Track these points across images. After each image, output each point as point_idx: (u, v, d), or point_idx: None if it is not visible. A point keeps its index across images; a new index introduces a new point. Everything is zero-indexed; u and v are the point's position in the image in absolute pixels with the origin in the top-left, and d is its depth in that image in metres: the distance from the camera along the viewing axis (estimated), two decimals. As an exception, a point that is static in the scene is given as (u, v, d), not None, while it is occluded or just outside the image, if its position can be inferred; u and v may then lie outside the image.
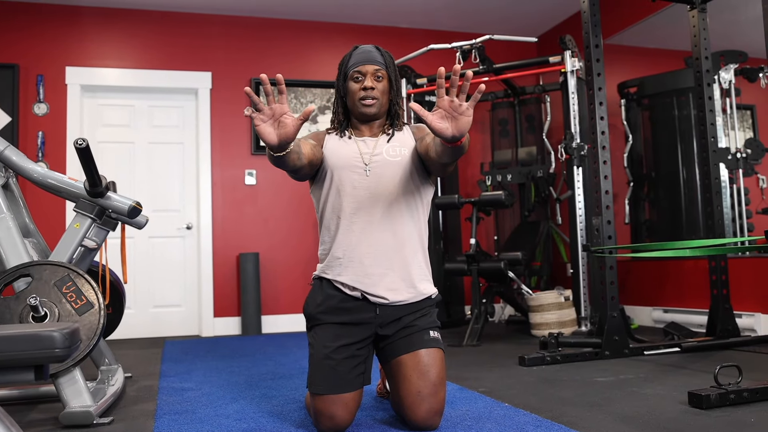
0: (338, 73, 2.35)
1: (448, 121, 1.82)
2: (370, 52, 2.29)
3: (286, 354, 4.12)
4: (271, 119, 1.90)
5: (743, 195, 5.06)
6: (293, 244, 5.73)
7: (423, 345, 2.19)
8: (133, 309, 5.39)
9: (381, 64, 2.28)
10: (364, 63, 2.26)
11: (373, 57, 2.28)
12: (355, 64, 2.27)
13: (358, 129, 2.36)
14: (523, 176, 5.30)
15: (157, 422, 2.39)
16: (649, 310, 5.23)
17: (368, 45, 2.34)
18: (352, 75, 2.28)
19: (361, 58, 2.28)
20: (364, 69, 2.26)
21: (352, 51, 2.32)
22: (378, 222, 2.22)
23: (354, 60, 2.28)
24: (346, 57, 2.32)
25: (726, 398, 2.38)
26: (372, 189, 2.24)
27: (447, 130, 1.82)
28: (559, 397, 2.64)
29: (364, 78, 2.27)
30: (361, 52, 2.30)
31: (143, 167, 5.59)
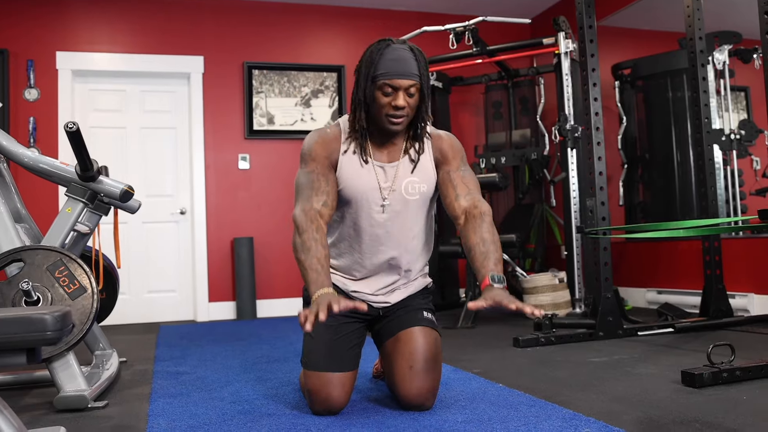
0: (362, 71, 2.02)
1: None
2: (406, 61, 1.97)
3: (280, 338, 4.13)
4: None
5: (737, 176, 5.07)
6: (288, 228, 5.72)
7: (417, 323, 2.21)
8: (127, 295, 5.39)
9: (416, 77, 1.98)
10: (398, 77, 1.96)
11: (409, 69, 1.97)
12: (387, 75, 1.97)
13: (375, 141, 2.14)
14: (517, 159, 5.30)
15: (152, 405, 2.39)
16: (643, 291, 5.25)
17: (402, 46, 2.00)
18: (381, 85, 1.98)
19: (395, 68, 1.96)
20: (397, 83, 1.97)
21: (382, 49, 1.99)
22: (391, 250, 2.21)
23: (385, 68, 1.97)
24: (374, 55, 1.99)
25: (719, 377, 2.40)
26: (388, 227, 2.18)
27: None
28: (552, 377, 2.65)
29: (396, 93, 1.98)
30: (394, 59, 1.97)
31: (136, 152, 5.56)
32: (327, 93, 5.89)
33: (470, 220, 2.07)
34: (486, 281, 1.91)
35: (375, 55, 1.98)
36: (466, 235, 2.05)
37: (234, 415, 2.21)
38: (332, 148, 2.11)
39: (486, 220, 2.05)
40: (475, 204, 2.09)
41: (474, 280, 4.56)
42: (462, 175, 2.15)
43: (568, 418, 2.01)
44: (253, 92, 5.73)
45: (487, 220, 2.06)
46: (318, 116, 5.86)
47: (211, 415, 2.22)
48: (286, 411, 2.23)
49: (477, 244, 2.00)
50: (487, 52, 5.07)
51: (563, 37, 4.79)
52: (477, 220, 2.05)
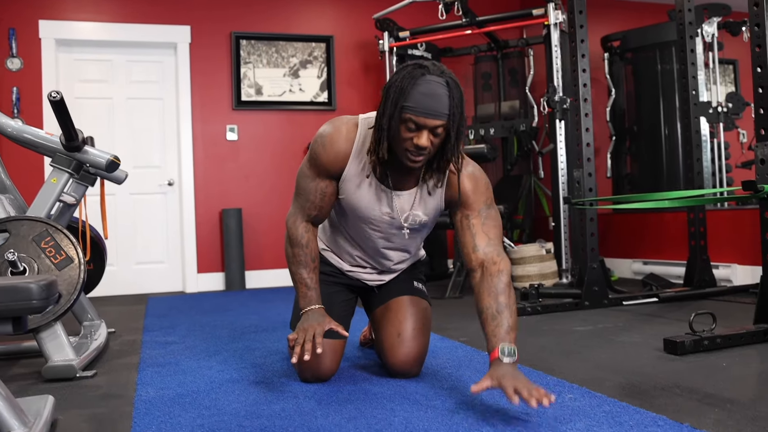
0: (390, 95, 1.76)
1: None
2: (438, 98, 1.72)
3: (269, 308, 4.15)
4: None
5: (723, 149, 5.09)
6: (276, 199, 5.71)
7: (407, 292, 2.24)
8: (115, 266, 5.38)
9: (444, 117, 1.74)
10: (424, 115, 1.72)
11: (440, 109, 1.73)
12: (414, 110, 1.73)
13: (391, 166, 1.94)
14: (505, 130, 5.29)
15: (141, 374, 2.40)
16: (629, 262, 5.30)
17: (437, 78, 1.73)
18: (406, 119, 1.75)
19: (424, 104, 1.72)
20: (422, 122, 1.73)
21: (416, 78, 1.73)
22: (385, 252, 2.19)
23: (414, 101, 1.72)
24: (406, 83, 1.73)
25: (700, 344, 2.43)
26: (383, 243, 2.14)
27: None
28: (538, 345, 2.68)
29: (420, 132, 1.76)
30: (425, 93, 1.72)
31: (122, 123, 5.51)
32: (315, 63, 5.85)
33: (486, 277, 1.87)
34: (495, 353, 1.75)
35: (407, 83, 1.73)
36: (480, 294, 1.87)
37: (222, 383, 2.22)
38: (340, 160, 1.95)
39: (503, 280, 1.86)
40: (494, 259, 1.88)
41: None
42: (483, 222, 1.93)
43: (552, 384, 2.04)
44: (241, 63, 5.68)
45: (504, 280, 1.86)
46: (306, 87, 5.82)
47: (199, 383, 2.23)
48: (275, 379, 2.25)
49: (489, 307, 1.82)
50: (477, 23, 5.03)
51: (553, 8, 4.77)
52: (494, 279, 1.85)
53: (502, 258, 1.90)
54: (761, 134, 2.64)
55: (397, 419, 1.75)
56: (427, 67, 1.75)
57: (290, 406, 1.91)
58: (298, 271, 2.07)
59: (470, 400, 1.89)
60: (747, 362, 2.28)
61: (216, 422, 1.78)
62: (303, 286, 2.06)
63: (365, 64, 5.98)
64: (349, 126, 1.95)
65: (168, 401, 2.01)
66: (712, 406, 1.76)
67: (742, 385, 1.98)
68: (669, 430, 1.57)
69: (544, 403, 1.60)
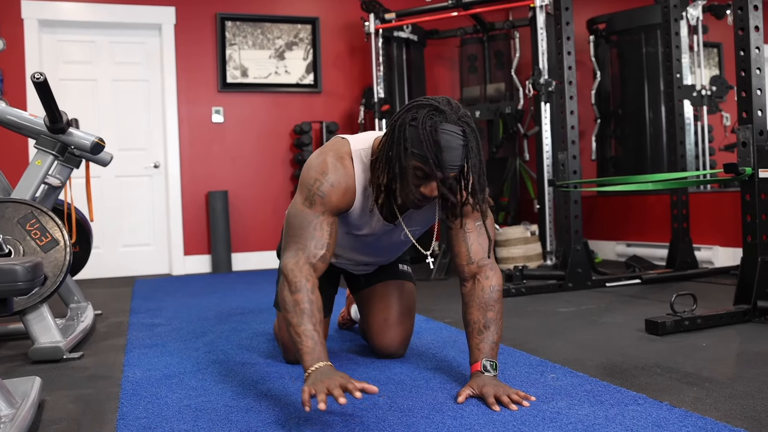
0: (404, 138, 1.63)
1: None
2: (452, 150, 1.60)
3: (255, 290, 4.15)
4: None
5: (707, 132, 5.13)
6: (262, 181, 5.70)
7: (393, 276, 2.24)
8: (101, 249, 5.36)
9: (458, 169, 1.65)
10: (438, 167, 1.62)
11: (455, 161, 1.62)
12: (427, 161, 1.61)
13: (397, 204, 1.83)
14: (491, 112, 5.30)
15: (128, 355, 2.41)
16: (612, 244, 5.34)
17: (454, 129, 1.60)
18: (416, 167, 1.63)
19: (440, 158, 1.60)
20: (435, 174, 1.63)
21: (435, 126, 1.59)
22: (375, 257, 2.15)
23: (430, 153, 1.60)
24: (422, 132, 1.59)
25: (680, 325, 2.47)
26: (374, 252, 2.10)
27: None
28: (522, 326, 2.71)
29: (430, 183, 1.65)
30: (443, 146, 1.59)
31: (107, 105, 5.46)
32: (301, 45, 5.81)
33: (477, 291, 1.83)
34: (477, 366, 1.77)
35: (423, 132, 1.59)
36: (469, 307, 1.84)
37: (209, 364, 2.23)
38: (348, 199, 1.79)
39: (494, 296, 1.83)
40: (487, 273, 1.84)
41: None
42: (478, 234, 1.86)
43: (535, 364, 2.07)
44: (227, 44, 5.63)
45: (494, 295, 1.83)
46: (292, 69, 5.79)
47: (186, 364, 2.24)
48: (260, 360, 2.27)
49: (477, 321, 1.81)
50: (463, 5, 5.02)
51: (538, -10, 4.76)
52: (485, 293, 1.82)
53: (494, 272, 1.86)
54: (743, 117, 2.66)
55: (382, 399, 1.77)
56: (444, 113, 1.60)
57: (276, 387, 1.92)
58: (301, 323, 1.66)
59: (454, 380, 1.91)
60: (726, 342, 2.32)
61: (203, 402, 1.79)
62: (308, 340, 1.64)
63: (351, 46, 5.95)
64: (345, 160, 1.78)
65: (155, 382, 2.02)
66: (691, 384, 1.80)
67: (721, 364, 2.02)
68: (649, 408, 1.60)
69: (524, 404, 1.64)
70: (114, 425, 1.64)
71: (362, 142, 1.81)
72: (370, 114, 5.55)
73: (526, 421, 1.54)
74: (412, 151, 1.61)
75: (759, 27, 2.67)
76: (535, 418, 1.56)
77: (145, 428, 1.60)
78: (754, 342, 2.30)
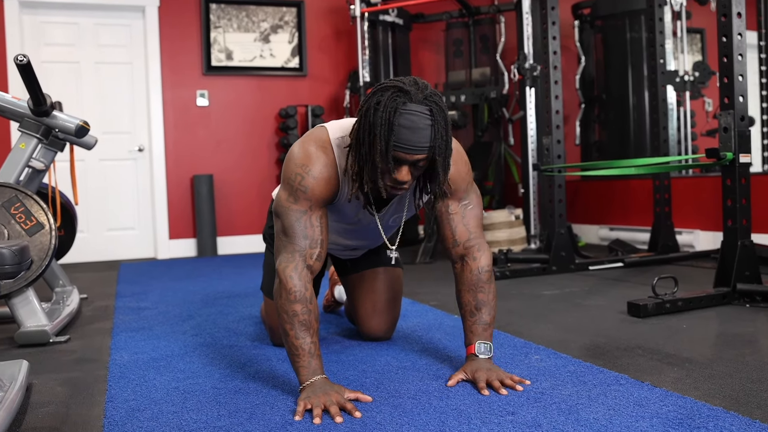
0: (372, 123, 1.57)
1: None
2: (420, 131, 1.54)
3: (241, 274, 4.15)
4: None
5: (689, 117, 5.17)
6: (247, 165, 5.68)
7: (382, 263, 2.24)
8: (86, 233, 5.33)
9: (426, 150, 1.57)
10: (407, 150, 1.55)
11: (422, 141, 1.55)
12: (396, 146, 1.55)
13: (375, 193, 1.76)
14: (476, 97, 5.30)
15: (114, 339, 2.41)
16: (596, 228, 5.39)
17: (419, 108, 1.55)
18: (383, 151, 1.57)
19: (406, 139, 1.54)
20: (403, 157, 1.57)
21: (398, 108, 1.54)
22: (361, 242, 2.13)
23: (397, 135, 1.54)
24: (390, 115, 1.54)
25: (662, 307, 2.51)
26: (359, 237, 2.08)
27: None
28: (506, 309, 2.74)
29: (400, 168, 1.59)
30: (408, 127, 1.54)
31: (90, 88, 5.40)
32: (286, 29, 5.77)
33: (466, 272, 1.82)
34: (472, 348, 1.77)
35: (391, 116, 1.53)
36: (460, 289, 1.84)
37: (196, 347, 2.24)
38: (332, 188, 1.75)
39: (482, 277, 1.81)
40: (474, 254, 1.82)
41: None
42: (463, 214, 1.84)
43: (519, 346, 2.10)
44: (211, 27, 5.58)
45: (483, 276, 1.81)
46: (277, 52, 5.75)
47: (173, 347, 2.25)
48: (247, 342, 2.28)
49: (469, 303, 1.81)
50: (449, -11, 5.00)
51: (524, -26, 4.75)
52: (474, 275, 1.81)
53: (482, 251, 1.83)
54: (725, 103, 2.69)
55: (369, 380, 1.78)
56: (409, 93, 1.54)
57: (264, 369, 1.93)
58: (298, 335, 1.63)
59: (440, 362, 1.93)
60: (706, 324, 2.36)
61: (191, 385, 1.80)
62: (305, 354, 1.63)
63: (336, 30, 5.92)
64: (325, 149, 1.73)
65: (142, 365, 2.02)
66: (672, 365, 1.83)
67: (700, 345, 2.06)
68: (630, 388, 1.63)
69: (517, 389, 1.65)
70: (102, 408, 1.64)
71: (341, 129, 1.76)
72: (355, 98, 5.54)
73: (511, 401, 1.56)
74: (380, 137, 1.55)
75: (741, 13, 2.69)
76: (520, 398, 1.58)
77: (134, 410, 1.60)
78: (733, 324, 2.34)
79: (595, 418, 1.44)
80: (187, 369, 1.96)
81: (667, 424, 1.38)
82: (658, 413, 1.45)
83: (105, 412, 1.60)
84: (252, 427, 1.46)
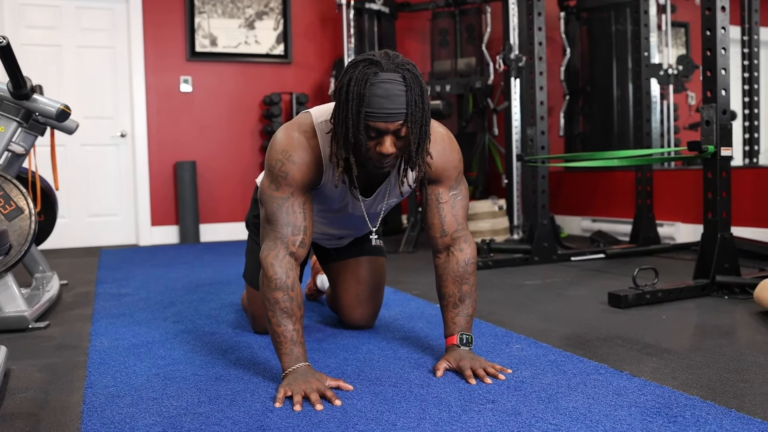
0: (349, 101, 1.53)
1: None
2: (395, 98, 1.52)
3: (223, 261, 4.14)
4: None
5: (672, 110, 5.20)
6: (230, 151, 5.65)
7: (365, 251, 2.23)
8: (67, 218, 5.28)
9: (403, 116, 1.54)
10: (384, 118, 1.52)
11: (397, 107, 1.52)
12: (373, 116, 1.52)
13: (360, 174, 1.73)
14: (461, 87, 5.30)
15: (95, 325, 2.39)
16: (578, 219, 5.42)
17: (392, 76, 1.53)
18: (365, 127, 1.55)
19: (381, 107, 1.52)
20: (383, 127, 1.53)
21: (369, 78, 1.52)
22: (346, 231, 2.12)
23: (372, 105, 1.52)
24: (359, 86, 1.52)
25: (642, 298, 2.53)
26: (346, 225, 2.05)
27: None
28: (488, 298, 2.75)
29: (382, 138, 1.56)
30: (381, 95, 1.51)
31: (72, 73, 5.33)
32: (272, 15, 5.73)
33: (452, 263, 1.82)
34: (453, 339, 1.78)
35: (359, 87, 1.52)
36: (443, 279, 1.83)
37: (177, 333, 2.23)
38: (314, 174, 1.71)
39: (468, 269, 1.81)
40: (461, 245, 1.82)
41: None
42: (452, 204, 1.82)
43: (500, 335, 2.11)
44: (195, 12, 5.53)
45: (469, 268, 1.82)
46: (262, 39, 5.71)
47: (154, 334, 2.24)
48: (229, 330, 2.27)
49: (452, 295, 1.81)
50: (435, -22, 4.99)
51: (511, -36, 4.75)
52: (459, 266, 1.81)
53: (469, 243, 1.84)
54: (707, 96, 2.71)
55: (350, 368, 1.79)
56: (379, 63, 1.53)
57: (245, 356, 1.93)
58: (280, 322, 1.64)
59: (422, 351, 1.94)
60: (685, 315, 2.38)
61: (171, 371, 1.79)
62: (287, 342, 1.63)
63: (322, 17, 5.89)
64: (308, 134, 1.71)
65: (123, 351, 2.01)
66: (651, 355, 1.85)
67: (679, 336, 2.08)
68: (610, 377, 1.64)
69: (500, 377, 1.66)
70: (82, 393, 1.63)
71: (324, 114, 1.73)
72: (340, 86, 5.50)
73: (492, 390, 1.57)
74: (351, 110, 1.53)
75: (725, 7, 2.70)
76: (500, 386, 1.59)
77: (114, 396, 1.59)
78: (712, 315, 2.37)
79: (575, 406, 1.45)
80: (168, 355, 1.96)
81: (645, 413, 1.40)
82: (636, 402, 1.46)
83: (84, 398, 1.59)
84: (233, 414, 1.46)
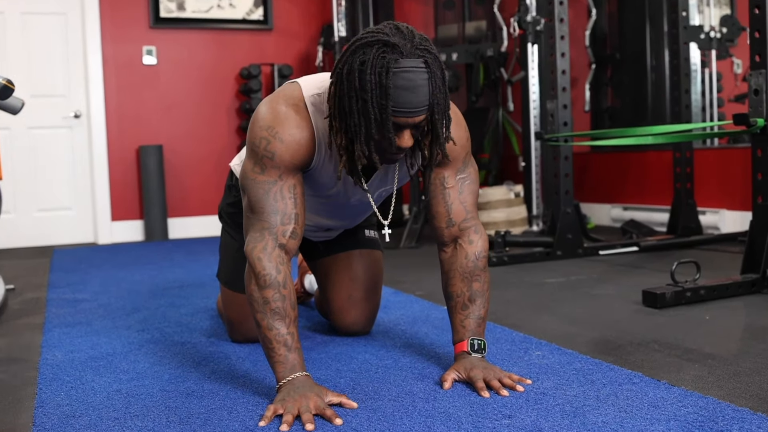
0: (360, 89, 1.52)
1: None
2: (419, 89, 1.52)
3: (195, 261, 4.14)
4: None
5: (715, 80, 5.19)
6: (202, 134, 5.64)
7: (357, 245, 2.23)
8: (13, 213, 5.28)
9: (426, 109, 1.55)
10: (408, 114, 1.53)
11: (421, 100, 1.53)
12: (396, 111, 1.52)
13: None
14: (470, 55, 5.29)
15: (46, 335, 2.39)
16: (607, 207, 5.42)
17: (414, 64, 1.51)
18: (379, 119, 1.54)
19: (405, 101, 1.51)
20: (404, 122, 1.54)
21: (390, 68, 1.49)
22: (337, 222, 2.12)
23: (396, 99, 1.50)
24: (379, 76, 1.50)
25: (682, 296, 2.53)
26: (339, 215, 2.06)
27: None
28: (503, 299, 2.75)
29: (402, 133, 1.57)
30: (405, 87, 1.50)
31: (16, 43, 5.32)
32: (248, -26, 5.72)
33: (460, 258, 1.81)
34: (463, 345, 1.76)
35: (383, 77, 1.50)
36: (451, 277, 1.82)
37: (142, 344, 2.23)
38: (305, 154, 1.70)
39: (479, 264, 1.80)
40: (471, 237, 1.81)
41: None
42: (459, 189, 1.81)
43: (518, 341, 2.11)
44: (159, -29, 5.52)
45: (480, 263, 1.80)
46: (237, 2, 5.69)
47: (115, 344, 2.23)
48: (202, 339, 2.27)
49: (462, 294, 1.79)
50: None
51: None
52: (469, 261, 1.80)
53: (479, 234, 1.82)
54: (756, 62, 2.70)
55: (344, 380, 1.79)
56: (397, 47, 1.50)
57: (221, 368, 1.93)
58: (271, 325, 1.61)
59: (427, 359, 1.94)
60: (732, 315, 2.38)
61: (135, 387, 1.79)
62: (281, 348, 1.61)
63: (308, -24, 5.89)
64: (298, 108, 1.69)
65: (78, 365, 2.01)
66: (692, 361, 1.85)
67: (725, 339, 2.08)
68: (645, 387, 1.64)
69: (518, 389, 1.64)
70: (31, 414, 1.63)
71: (316, 86, 1.72)
72: (329, 55, 5.51)
73: (508, 403, 1.57)
74: (373, 104, 1.52)
75: (776, -43, 2.69)
76: (518, 399, 1.59)
77: (68, 417, 1.59)
78: (762, 315, 2.36)
79: (604, 421, 1.45)
80: (132, 369, 1.95)
81: (686, 427, 1.39)
82: (676, 415, 1.46)
83: (34, 419, 1.58)
84: (207, 435, 1.46)
